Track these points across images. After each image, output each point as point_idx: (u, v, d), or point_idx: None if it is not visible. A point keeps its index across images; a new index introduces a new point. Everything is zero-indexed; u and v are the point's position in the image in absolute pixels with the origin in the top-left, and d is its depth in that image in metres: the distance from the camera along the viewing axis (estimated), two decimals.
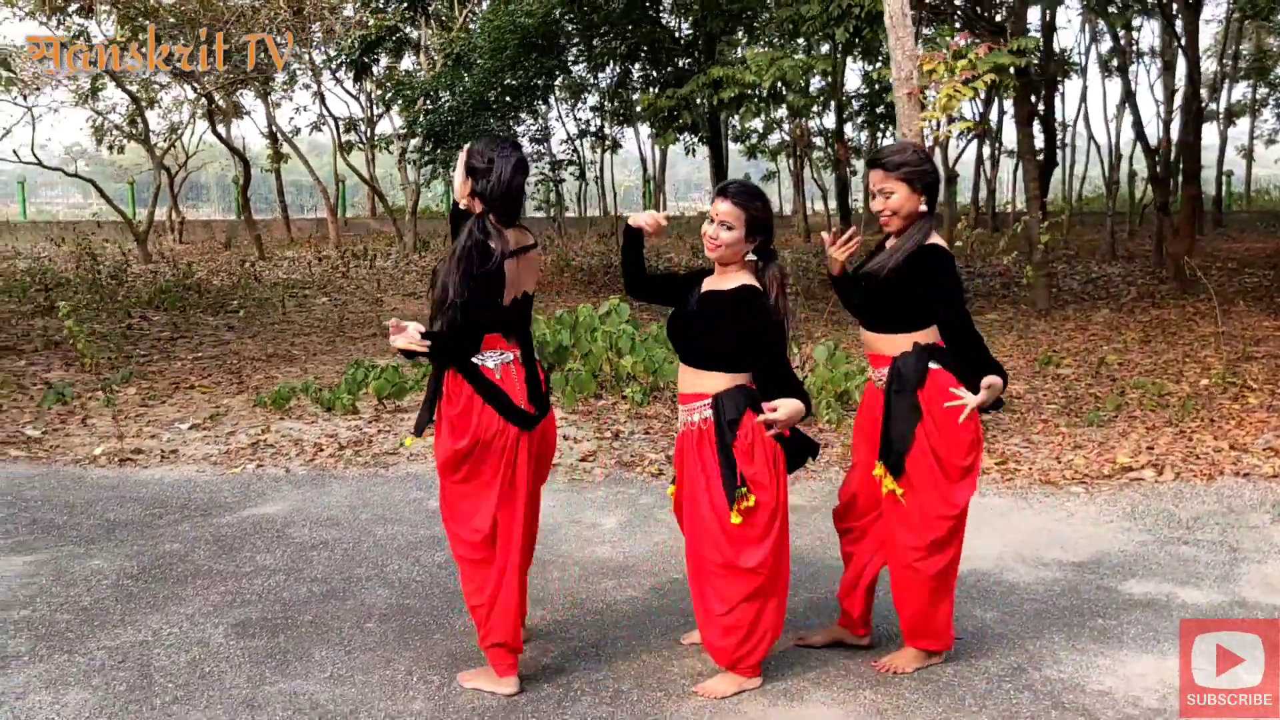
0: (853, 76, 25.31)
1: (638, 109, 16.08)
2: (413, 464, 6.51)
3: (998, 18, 13.94)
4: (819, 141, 24.73)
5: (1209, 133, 30.02)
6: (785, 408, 3.47)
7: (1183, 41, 15.25)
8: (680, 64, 15.11)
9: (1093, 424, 7.26)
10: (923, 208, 3.63)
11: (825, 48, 14.55)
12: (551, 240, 23.43)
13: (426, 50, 20.49)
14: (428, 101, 17.07)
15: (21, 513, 5.63)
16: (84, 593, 4.53)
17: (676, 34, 14.79)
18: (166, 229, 28.25)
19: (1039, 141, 18.95)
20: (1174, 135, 16.77)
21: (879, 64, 15.33)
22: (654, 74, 15.67)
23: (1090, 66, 32.44)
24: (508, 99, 15.62)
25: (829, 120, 24.47)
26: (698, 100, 12.10)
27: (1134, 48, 25.60)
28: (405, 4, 18.30)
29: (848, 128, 23.18)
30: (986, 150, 26.72)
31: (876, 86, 16.88)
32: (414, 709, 3.54)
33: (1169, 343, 10.70)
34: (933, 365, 3.61)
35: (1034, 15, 17.68)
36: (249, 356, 10.52)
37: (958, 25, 14.34)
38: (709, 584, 3.60)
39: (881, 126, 23.70)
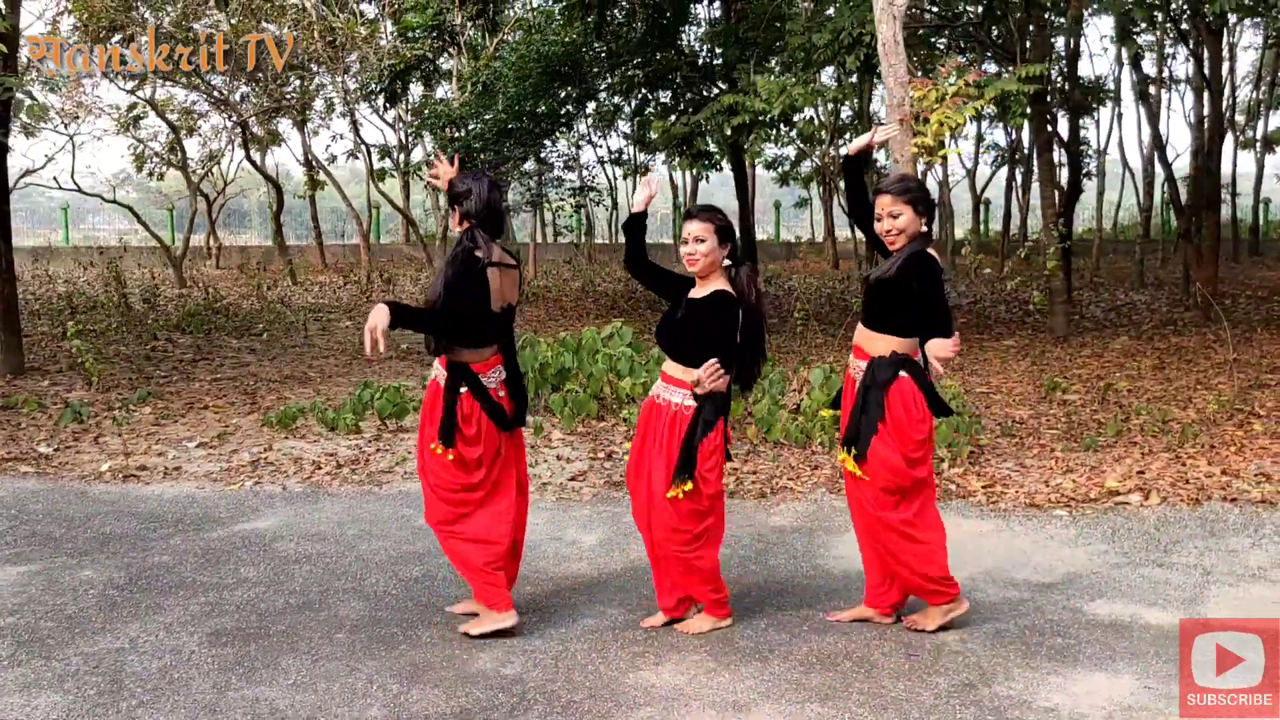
0: (880, 103, 25.38)
1: (653, 135, 16.19)
2: (406, 482, 6.63)
3: (1026, 43, 13.96)
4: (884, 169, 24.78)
5: (1246, 160, 29.79)
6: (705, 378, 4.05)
7: (1206, 68, 15.18)
8: (702, 91, 15.26)
9: (1089, 449, 7.25)
10: (923, 228, 4.18)
11: (855, 76, 14.70)
12: (580, 268, 23.62)
13: (459, 78, 20.84)
14: (455, 129, 17.34)
15: (22, 525, 5.81)
16: (70, 601, 4.68)
17: (698, 61, 14.93)
18: (204, 255, 28.81)
19: (1063, 168, 18.93)
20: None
21: None
22: (674, 102, 15.85)
23: (1126, 93, 32.28)
24: (531, 127, 15.83)
25: None
26: (713, 127, 12.22)
27: (1169, 74, 25.51)
28: (435, 34, 18.58)
29: (881, 155, 23.23)
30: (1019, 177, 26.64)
31: None
32: (370, 715, 3.64)
33: (1183, 370, 10.64)
34: (902, 374, 4.16)
35: (1061, 41, 17.71)
36: (266, 378, 10.73)
37: (963, 51, 14.41)
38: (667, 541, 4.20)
39: None
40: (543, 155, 18.62)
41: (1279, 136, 29.63)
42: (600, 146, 26.20)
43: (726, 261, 4.14)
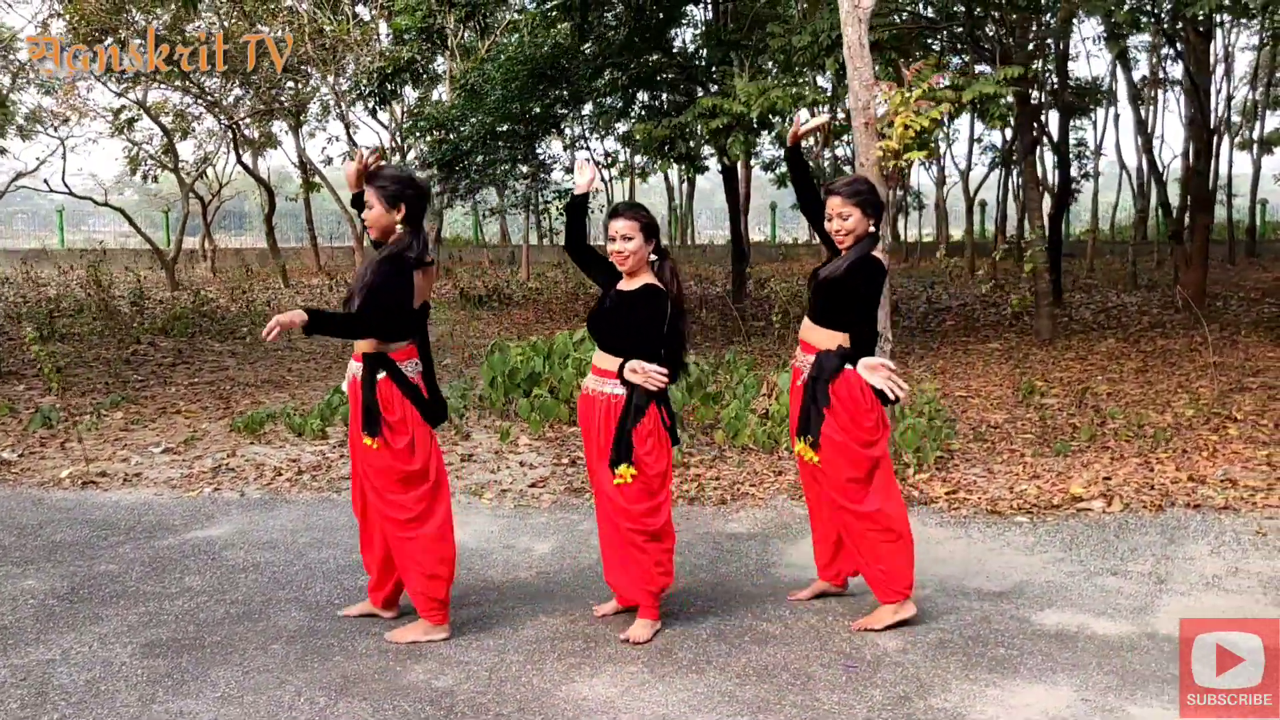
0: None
1: (635, 138, 16.14)
2: None
3: (1012, 44, 13.88)
4: (848, 170, 24.72)
5: (1243, 161, 29.71)
6: (641, 370, 4.17)
7: (1193, 69, 15.11)
8: (690, 93, 15.20)
9: (1060, 454, 7.19)
10: (871, 229, 4.33)
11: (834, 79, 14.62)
12: (571, 270, 23.54)
13: (451, 80, 20.79)
14: (443, 132, 17.29)
15: None
16: (7, 612, 4.63)
17: (684, 62, 14.86)
18: (200, 257, 28.81)
19: (1051, 170, 18.85)
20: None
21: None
22: (659, 103, 15.79)
23: (1123, 94, 32.17)
24: (520, 129, 15.78)
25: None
26: (695, 130, 12.16)
27: (1164, 75, 25.40)
28: (425, 36, 18.54)
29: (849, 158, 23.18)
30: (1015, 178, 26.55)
31: None
32: None
33: (1166, 372, 10.56)
34: (848, 366, 4.28)
35: (1052, 42, 17.61)
36: (243, 382, 10.68)
37: (958, 52, 14.33)
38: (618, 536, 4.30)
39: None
40: (536, 157, 18.58)
41: (1276, 138, 29.57)
42: (592, 149, 26.09)
43: (652, 257, 4.27)
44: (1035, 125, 13.53)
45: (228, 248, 32.04)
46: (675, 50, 15.76)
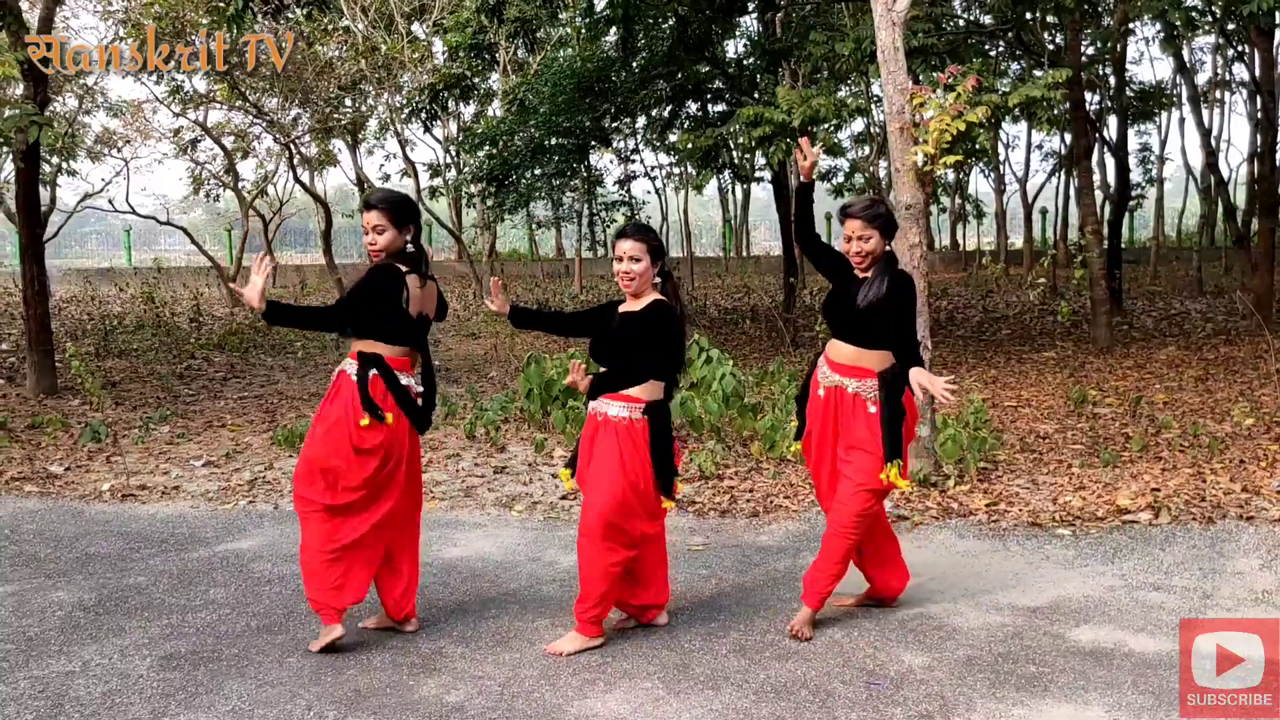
0: None
1: (679, 149, 16.09)
2: None
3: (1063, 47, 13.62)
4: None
5: None
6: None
7: (1257, 71, 14.68)
8: (736, 102, 15.12)
9: (1108, 464, 6.97)
10: (887, 249, 4.40)
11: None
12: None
13: (504, 96, 20.93)
14: (493, 147, 17.39)
15: (11, 545, 5.85)
16: (35, 623, 4.67)
17: (730, 72, 14.78)
18: (269, 275, 29.25)
19: (1111, 175, 18.43)
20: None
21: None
22: (703, 114, 15.73)
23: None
24: (566, 143, 15.81)
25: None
26: (739, 139, 12.08)
27: (1230, 77, 24.78)
28: (475, 52, 18.69)
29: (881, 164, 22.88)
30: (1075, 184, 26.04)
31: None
32: None
33: (1228, 381, 10.23)
34: (909, 385, 4.29)
35: (1111, 45, 17.22)
36: (290, 396, 10.78)
37: (1016, 59, 14.08)
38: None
39: (964, 162, 23.26)
40: (587, 170, 18.61)
41: None
42: (640, 161, 26.09)
43: (657, 280, 4.28)
44: (1092, 130, 13.23)
45: (288, 264, 32.52)
46: (722, 61, 15.69)
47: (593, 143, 17.09)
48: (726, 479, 6.83)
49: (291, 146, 24.18)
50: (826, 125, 11.14)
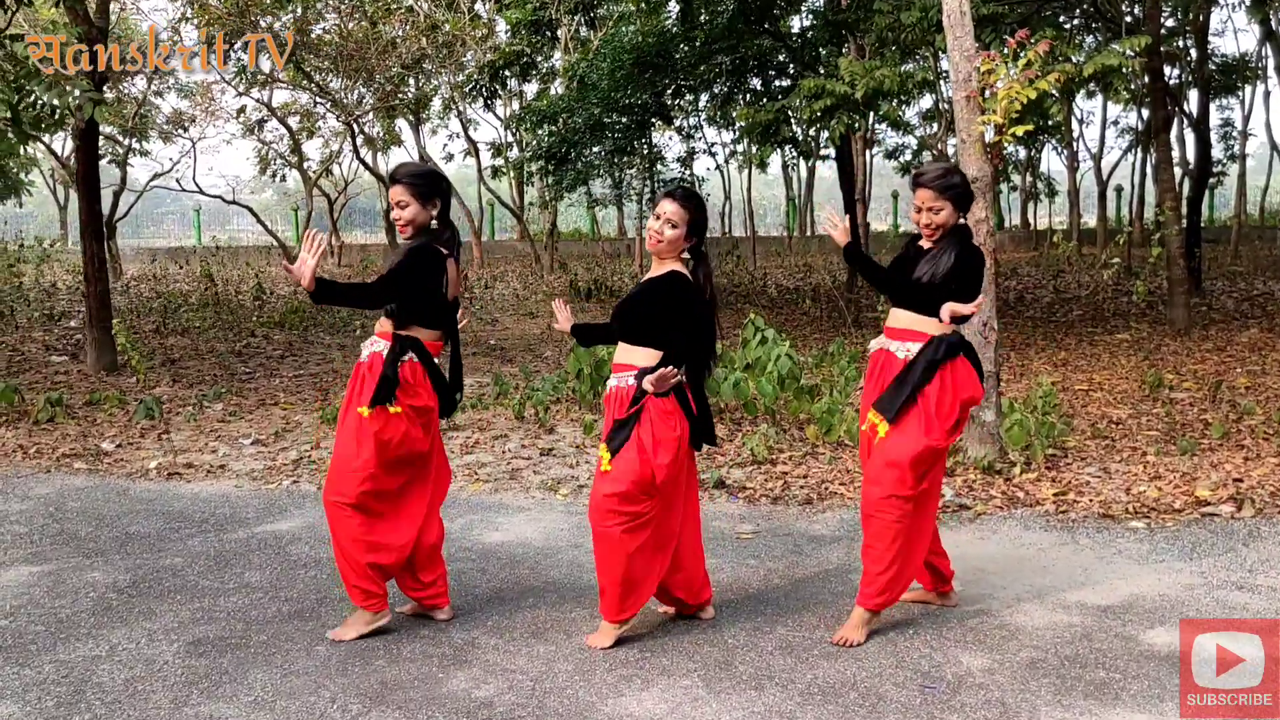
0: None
1: (738, 124, 15.75)
2: None
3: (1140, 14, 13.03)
4: None
5: None
6: (653, 377, 3.92)
7: None
8: (797, 76, 14.76)
9: (1186, 453, 6.59)
10: (960, 220, 4.16)
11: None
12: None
13: (565, 73, 20.76)
14: (551, 124, 17.22)
15: (53, 523, 5.80)
16: (67, 604, 4.59)
17: (793, 45, 14.41)
18: (327, 253, 29.50)
19: (1191, 152, 17.73)
20: None
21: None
22: (765, 88, 15.37)
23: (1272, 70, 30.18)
24: (623, 120, 15.58)
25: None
26: (800, 114, 11.74)
27: None
28: (534, 29, 18.54)
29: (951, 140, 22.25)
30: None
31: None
32: None
33: None
34: (963, 355, 4.14)
35: (1189, 14, 16.52)
36: (346, 374, 10.69)
37: (1091, 31, 13.53)
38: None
39: (1036, 138, 22.60)
40: (647, 147, 18.33)
41: None
42: (702, 139, 25.71)
43: (686, 255, 4.07)
44: (1172, 103, 12.65)
45: (354, 244, 32.72)
46: (785, 34, 15.31)
47: (654, 119, 16.82)
48: (780, 464, 6.59)
49: (353, 125, 24.24)
50: (892, 100, 10.74)
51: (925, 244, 4.20)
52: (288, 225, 34.44)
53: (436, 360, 4.24)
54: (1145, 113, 22.95)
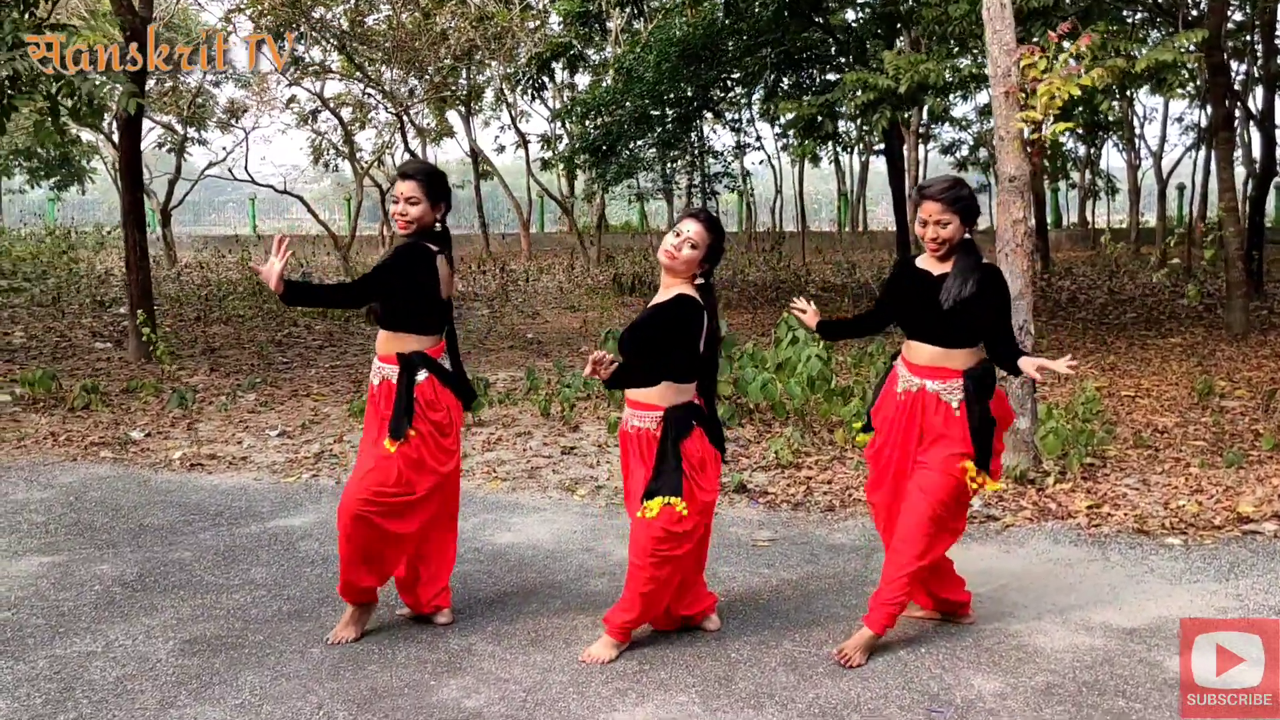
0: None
1: (780, 118, 15.52)
2: (464, 479, 6.33)
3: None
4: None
5: None
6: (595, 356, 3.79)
7: None
8: (843, 69, 14.51)
9: (1232, 465, 6.33)
10: (966, 235, 4.00)
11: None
12: (729, 256, 23.07)
13: (612, 64, 20.64)
14: (598, 116, 17.10)
15: (70, 513, 5.81)
16: (71, 598, 4.56)
17: (838, 38, 14.14)
18: (380, 242, 29.68)
19: (1257, 150, 17.17)
20: None
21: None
22: (809, 81, 15.12)
23: None
24: (669, 112, 15.42)
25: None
26: (843, 109, 11.51)
27: None
28: (582, 20, 18.43)
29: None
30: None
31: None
32: None
33: None
34: (999, 385, 4.08)
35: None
36: None
37: (1152, 23, 13.13)
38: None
39: (1096, 135, 22.06)
40: (693, 140, 18.14)
41: None
42: (754, 133, 25.47)
43: (700, 280, 3.92)
44: (1235, 100, 12.23)
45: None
46: (833, 26, 15.05)
47: (701, 112, 16.64)
48: (804, 468, 6.42)
49: (403, 116, 24.32)
50: (939, 94, 10.47)
51: (924, 264, 4.06)
52: (342, 215, 34.72)
53: (443, 360, 4.12)
54: (1209, 109, 22.30)
